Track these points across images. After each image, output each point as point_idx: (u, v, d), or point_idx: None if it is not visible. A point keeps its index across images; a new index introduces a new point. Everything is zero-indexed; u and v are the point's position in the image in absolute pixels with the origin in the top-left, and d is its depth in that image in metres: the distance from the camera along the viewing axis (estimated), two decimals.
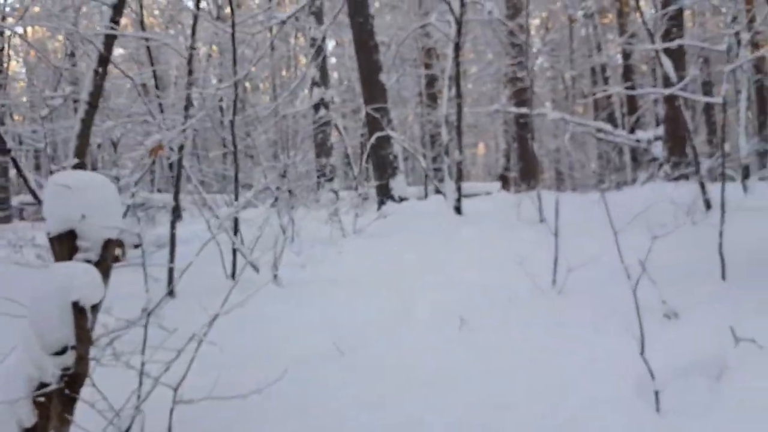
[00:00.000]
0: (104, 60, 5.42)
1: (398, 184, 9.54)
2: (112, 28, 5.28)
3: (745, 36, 9.32)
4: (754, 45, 13.94)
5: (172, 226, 4.97)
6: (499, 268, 4.87)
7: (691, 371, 2.50)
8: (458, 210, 9.01)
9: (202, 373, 2.70)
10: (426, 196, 12.31)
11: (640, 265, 4.37)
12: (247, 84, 21.62)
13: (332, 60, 23.46)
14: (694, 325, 2.98)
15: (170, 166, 11.11)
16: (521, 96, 13.29)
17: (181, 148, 4.89)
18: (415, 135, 17.72)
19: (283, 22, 7.16)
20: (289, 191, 10.43)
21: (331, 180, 10.41)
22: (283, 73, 21.67)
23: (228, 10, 19.88)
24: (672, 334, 2.95)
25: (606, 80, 17.88)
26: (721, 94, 4.35)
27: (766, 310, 3.05)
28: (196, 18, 5.09)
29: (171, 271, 4.99)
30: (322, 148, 10.58)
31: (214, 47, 18.25)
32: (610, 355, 2.80)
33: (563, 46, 18.69)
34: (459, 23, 8.96)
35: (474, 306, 3.95)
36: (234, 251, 5.40)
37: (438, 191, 10.65)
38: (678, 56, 11.95)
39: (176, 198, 4.96)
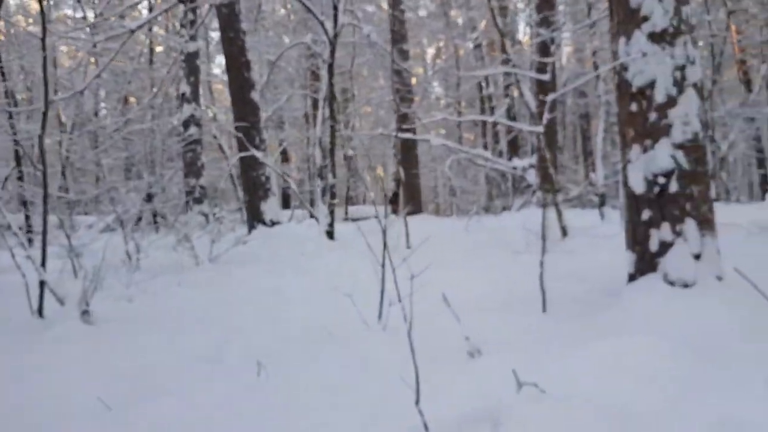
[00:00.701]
0: None
1: (270, 207, 9.12)
2: None
3: (603, 70, 9.84)
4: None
5: None
6: (337, 300, 4.57)
7: (470, 420, 2.28)
8: (330, 235, 8.72)
9: None
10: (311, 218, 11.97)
11: (458, 298, 4.22)
12: (133, 99, 20.40)
13: (226, 77, 22.71)
14: (492, 364, 2.79)
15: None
16: (406, 121, 13.35)
17: None
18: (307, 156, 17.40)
19: (133, 32, 6.58)
20: (154, 214, 9.71)
21: (200, 201, 9.78)
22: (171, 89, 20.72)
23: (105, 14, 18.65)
24: (469, 375, 2.74)
25: (492, 110, 18.51)
26: (543, 122, 4.35)
27: (572, 345, 2.93)
28: None
29: None
30: (191, 168, 9.95)
31: (92, 59, 17.10)
32: (401, 401, 2.53)
33: (453, 75, 19.17)
34: (332, 44, 8.77)
35: (289, 345, 3.61)
36: (41, 283, 4.73)
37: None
38: (550, 88, 12.50)
39: None
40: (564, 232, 7.62)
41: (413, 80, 21.58)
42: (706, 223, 3.65)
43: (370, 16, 16.42)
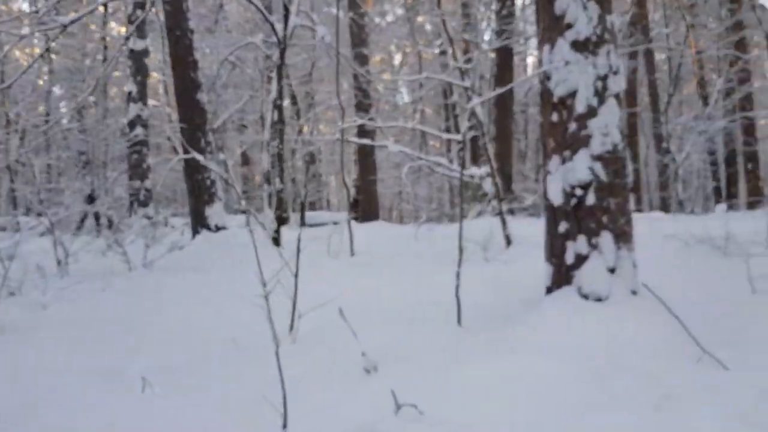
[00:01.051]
0: None
1: (215, 212, 8.87)
2: None
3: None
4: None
5: None
6: (259, 311, 4.40)
7: None
8: (276, 241, 8.53)
9: None
10: None
11: (378, 308, 4.09)
12: (92, 98, 19.89)
13: None
14: (385, 382, 2.64)
15: None
16: (364, 126, 13.22)
17: None
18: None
19: (65, 27, 6.29)
20: (97, 216, 9.39)
21: (145, 205, 9.49)
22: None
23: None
24: (357, 393, 2.60)
25: (455, 117, 18.52)
26: (462, 131, 4.26)
27: (472, 362, 2.81)
28: None
29: None
30: (137, 170, 9.64)
31: (53, 55, 16.63)
32: (278, 421, 2.38)
33: (417, 82, 19.09)
34: (283, 46, 8.60)
35: (193, 359, 3.44)
36: None
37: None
38: (508, 99, 12.58)
39: None
40: (508, 241, 7.56)
41: (380, 86, 21.53)
42: (623, 236, 3.59)
43: (333, 20, 16.26)
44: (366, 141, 12.49)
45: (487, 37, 19.63)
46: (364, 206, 13.20)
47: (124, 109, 13.87)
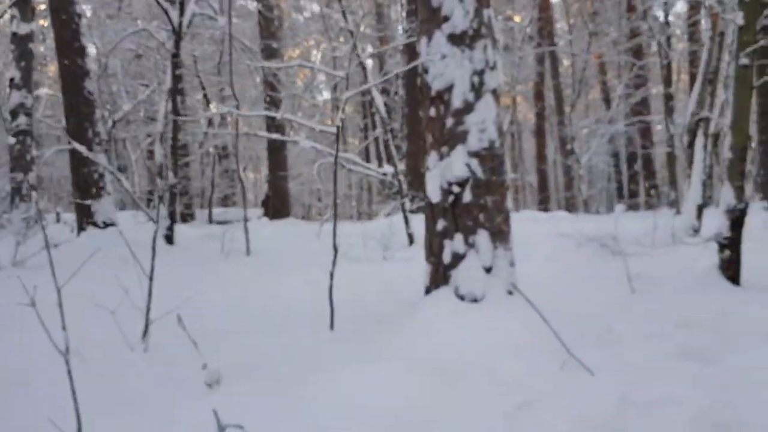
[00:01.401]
0: None
1: (103, 207, 8.24)
2: None
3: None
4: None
5: None
6: (119, 316, 4.01)
7: None
8: (169, 239, 8.04)
9: None
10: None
11: (252, 313, 3.85)
12: None
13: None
14: (221, 399, 2.39)
15: None
16: (276, 121, 12.86)
17: None
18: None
19: None
20: None
21: (27, 199, 8.68)
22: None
23: None
24: (186, 414, 2.33)
25: (373, 115, 18.44)
26: (336, 123, 4.08)
27: (328, 373, 2.61)
28: None
29: None
30: (19, 162, 8.82)
31: None
32: None
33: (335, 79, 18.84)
34: (178, 34, 8.12)
35: (18, 376, 3.05)
36: None
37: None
38: (418, 95, 12.55)
39: None
40: (411, 239, 7.49)
41: (299, 82, 21.07)
42: (500, 235, 3.52)
43: (244, 11, 15.73)
44: (275, 135, 12.13)
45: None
46: (275, 203, 12.82)
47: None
